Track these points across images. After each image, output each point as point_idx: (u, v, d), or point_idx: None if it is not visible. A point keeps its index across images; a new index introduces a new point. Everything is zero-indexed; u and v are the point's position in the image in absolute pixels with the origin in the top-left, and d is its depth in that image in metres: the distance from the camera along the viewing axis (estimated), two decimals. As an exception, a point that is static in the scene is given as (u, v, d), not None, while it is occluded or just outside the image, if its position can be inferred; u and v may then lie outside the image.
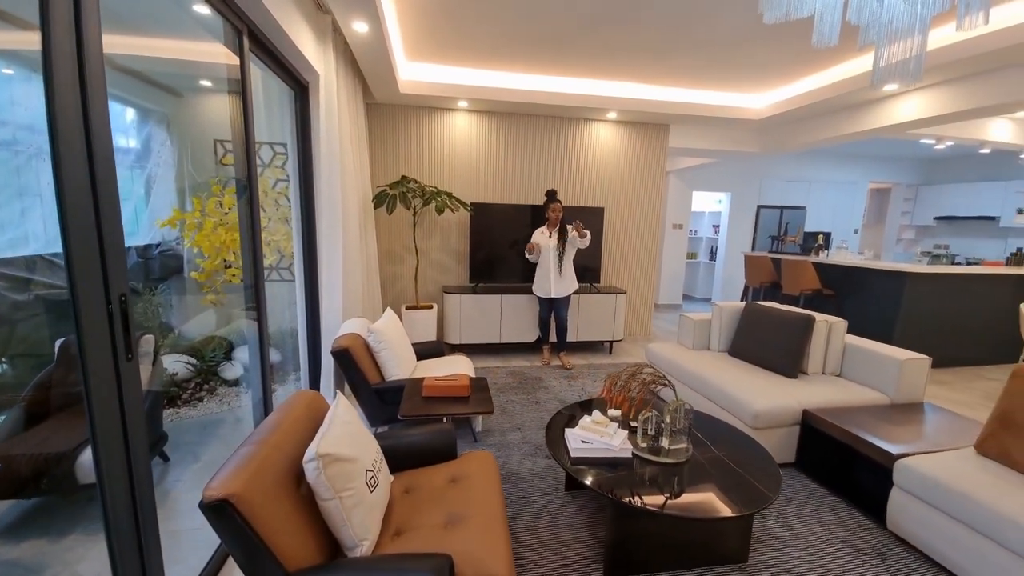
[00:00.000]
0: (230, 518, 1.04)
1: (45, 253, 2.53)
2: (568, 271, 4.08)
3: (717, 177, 7.17)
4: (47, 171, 2.81)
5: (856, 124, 4.15)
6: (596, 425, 1.90)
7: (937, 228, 7.84)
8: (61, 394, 2.18)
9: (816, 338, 2.81)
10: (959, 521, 1.70)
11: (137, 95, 3.41)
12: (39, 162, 2.59)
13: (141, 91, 3.42)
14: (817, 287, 4.82)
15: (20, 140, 2.51)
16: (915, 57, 1.50)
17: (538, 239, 4.01)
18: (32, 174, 2.55)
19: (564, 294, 4.08)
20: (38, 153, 2.59)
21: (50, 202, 2.95)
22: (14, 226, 2.47)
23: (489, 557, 1.24)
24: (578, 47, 3.44)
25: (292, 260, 3.71)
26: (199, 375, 3.22)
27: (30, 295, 2.38)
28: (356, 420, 1.47)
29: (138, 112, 3.51)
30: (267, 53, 2.26)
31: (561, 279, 4.05)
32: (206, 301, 3.45)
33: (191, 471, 2.36)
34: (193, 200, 3.44)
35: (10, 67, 2.49)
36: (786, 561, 1.81)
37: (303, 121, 2.88)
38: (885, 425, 2.27)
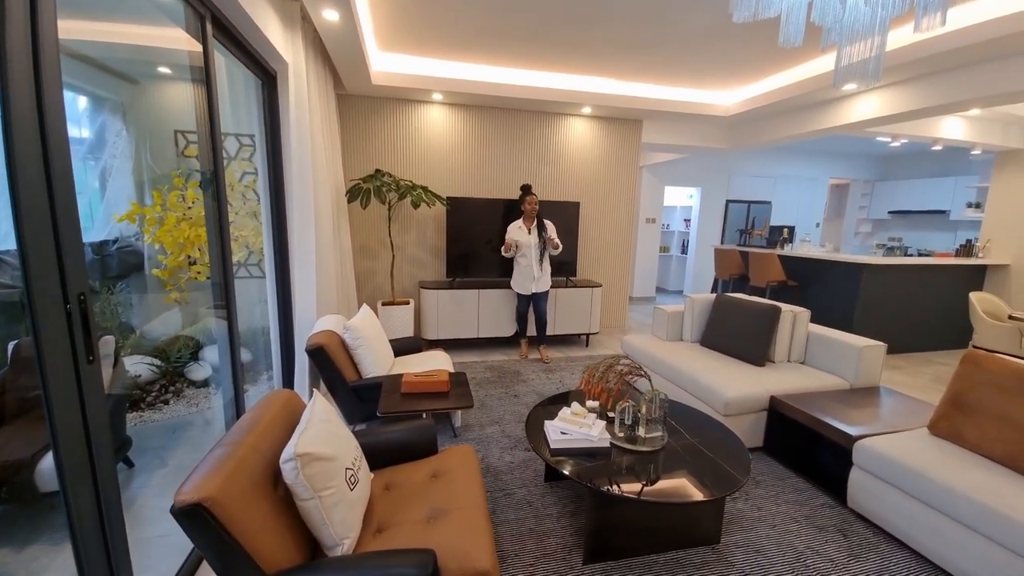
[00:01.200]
0: (204, 522, 1.01)
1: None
2: (547, 266, 4.08)
3: (688, 172, 7.34)
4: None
5: (818, 122, 4.32)
6: (575, 416, 1.93)
7: (891, 222, 8.27)
8: (16, 399, 2.06)
9: (782, 327, 2.94)
10: (914, 498, 1.82)
11: (90, 82, 3.21)
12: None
13: (94, 78, 3.22)
14: (782, 279, 5.02)
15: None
16: (875, 57, 1.57)
17: (516, 235, 3.93)
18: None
19: (546, 289, 4.08)
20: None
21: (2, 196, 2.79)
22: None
23: (473, 550, 1.25)
24: (552, 41, 3.45)
25: (261, 256, 3.59)
26: (164, 377, 3.09)
27: (-25, 295, 2.23)
28: (334, 418, 1.45)
29: (91, 100, 3.30)
30: (232, 40, 2.17)
31: (543, 274, 4.03)
32: (170, 300, 3.31)
33: (158, 476, 2.28)
34: (153, 194, 3.28)
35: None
36: (755, 540, 1.90)
37: (271, 112, 2.78)
38: (845, 409, 2.39)
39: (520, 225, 3.97)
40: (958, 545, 1.67)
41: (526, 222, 3.95)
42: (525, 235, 3.94)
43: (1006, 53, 2.91)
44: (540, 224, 3.93)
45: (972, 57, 3.01)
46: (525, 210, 3.92)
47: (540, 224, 3.93)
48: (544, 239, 3.91)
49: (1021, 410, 1.79)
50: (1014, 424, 1.79)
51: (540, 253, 3.95)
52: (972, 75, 3.16)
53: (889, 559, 1.83)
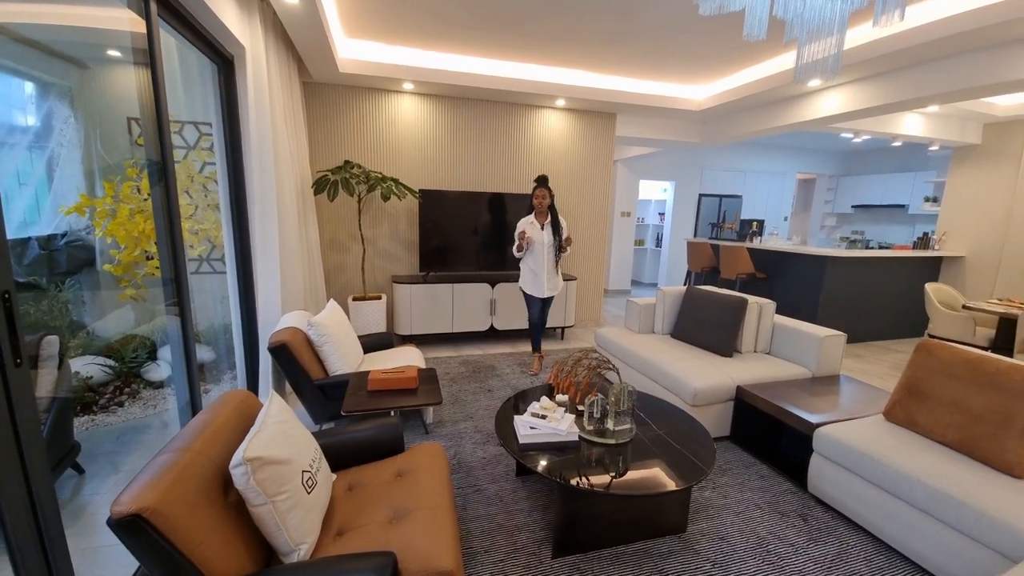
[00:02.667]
0: (144, 534, 0.96)
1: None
2: (559, 268, 3.73)
3: (662, 166, 7.42)
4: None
5: (785, 117, 4.42)
6: (544, 411, 1.92)
7: (854, 215, 8.57)
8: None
9: (748, 319, 3.00)
10: (870, 482, 1.88)
11: (35, 67, 2.99)
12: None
13: (40, 62, 3.01)
14: (751, 271, 5.14)
15: None
16: (834, 54, 1.59)
17: (530, 231, 3.54)
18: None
19: (558, 291, 3.74)
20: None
21: None
22: None
23: (435, 549, 1.22)
24: (526, 31, 3.40)
25: (221, 251, 3.45)
26: (118, 378, 2.95)
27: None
28: (292, 419, 1.39)
29: (37, 86, 3.09)
30: (181, 20, 2.05)
31: (556, 276, 3.68)
32: (124, 296, 3.14)
33: (110, 483, 2.17)
34: (105, 184, 3.10)
35: None
36: (720, 528, 1.94)
37: (229, 98, 2.65)
38: (807, 397, 2.46)
39: (532, 221, 3.57)
40: (912, 528, 1.73)
41: (538, 218, 3.56)
42: (538, 232, 3.56)
43: (964, 50, 3.02)
44: (555, 221, 3.56)
45: (931, 54, 3.11)
46: (535, 205, 3.55)
47: (555, 221, 3.56)
48: (560, 237, 3.54)
49: (971, 397, 1.87)
50: (964, 410, 1.87)
51: (556, 253, 3.57)
52: (931, 72, 3.27)
53: (847, 542, 1.89)
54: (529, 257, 3.60)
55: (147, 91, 1.77)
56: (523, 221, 3.60)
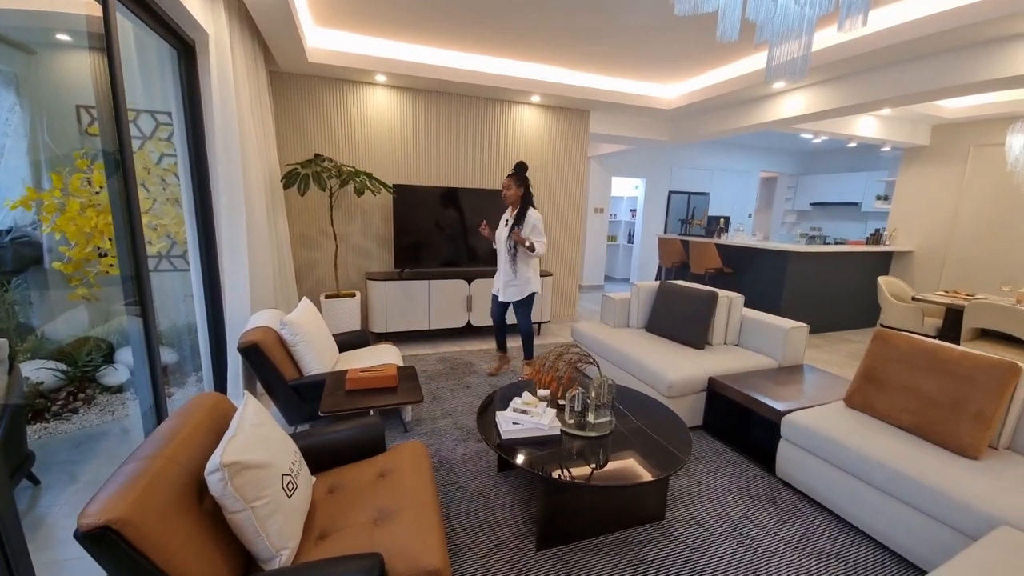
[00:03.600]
0: (114, 546, 0.90)
1: None
2: (524, 271, 3.25)
3: (634, 163, 7.56)
4: None
5: (751, 118, 4.57)
6: (526, 406, 1.93)
7: (812, 213, 8.98)
8: None
9: (719, 312, 3.10)
10: (834, 465, 1.99)
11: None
12: None
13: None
14: (719, 266, 5.31)
15: None
16: (802, 56, 1.66)
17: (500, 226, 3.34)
18: None
19: (513, 298, 3.30)
20: None
21: None
22: None
23: (422, 549, 1.21)
24: (501, 26, 3.38)
25: (186, 247, 3.29)
26: (72, 383, 2.77)
27: None
28: (268, 421, 1.35)
29: (-23, 71, 2.85)
30: (138, 3, 1.93)
31: (515, 280, 3.25)
32: (76, 296, 2.95)
33: (68, 493, 2.04)
34: (52, 177, 2.89)
35: None
36: (696, 514, 2.01)
37: (191, 87, 2.52)
38: (773, 386, 2.57)
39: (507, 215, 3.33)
40: (874, 508, 1.84)
41: (511, 211, 3.28)
42: (501, 227, 3.29)
43: (918, 55, 3.20)
44: (520, 215, 3.18)
45: (887, 59, 3.28)
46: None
47: (520, 215, 3.18)
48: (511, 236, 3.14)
49: (925, 383, 2.00)
50: (919, 395, 2.00)
51: (511, 252, 3.19)
52: (887, 76, 3.45)
53: (812, 522, 1.99)
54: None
55: (103, 77, 1.66)
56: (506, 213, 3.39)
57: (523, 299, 3.31)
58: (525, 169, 3.25)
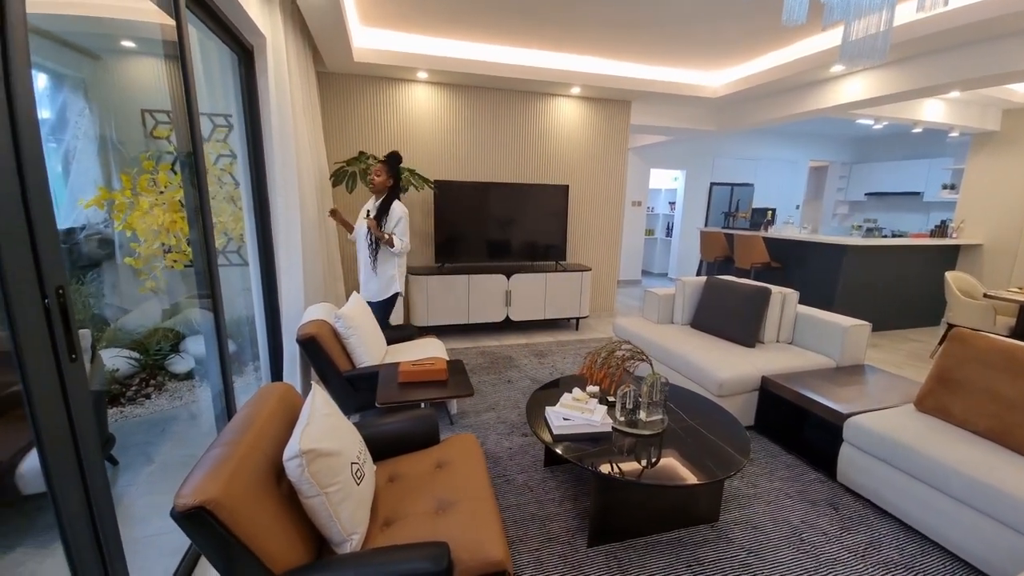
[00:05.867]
0: (208, 525, 0.96)
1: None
2: (385, 269, 2.94)
3: (673, 154, 7.34)
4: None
5: (805, 104, 4.34)
6: (576, 402, 1.92)
7: (867, 203, 8.47)
8: (-15, 399, 1.94)
9: (771, 309, 2.98)
10: (903, 472, 1.88)
11: (48, 57, 2.98)
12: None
13: (53, 53, 2.99)
14: (766, 260, 5.10)
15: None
16: (882, 33, 1.55)
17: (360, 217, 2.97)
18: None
19: (373, 298, 2.99)
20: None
21: None
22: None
23: (485, 541, 1.23)
24: (542, 17, 3.34)
25: (241, 243, 3.45)
26: (144, 370, 2.97)
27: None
28: (336, 412, 1.40)
29: (51, 77, 3.07)
30: (205, 11, 2.02)
31: (374, 276, 2.94)
32: (145, 289, 3.15)
33: (144, 474, 2.19)
34: (122, 177, 3.10)
35: None
36: (752, 517, 1.95)
37: (249, 90, 2.63)
38: (833, 387, 2.45)
39: (370, 205, 2.94)
40: (947, 517, 1.73)
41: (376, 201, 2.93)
42: (360, 218, 2.92)
43: (992, 35, 2.95)
44: (384, 206, 2.83)
45: (960, 39, 3.04)
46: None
47: (384, 206, 2.83)
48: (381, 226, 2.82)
49: (1005, 385, 1.86)
50: (998, 399, 1.86)
51: (370, 246, 2.86)
52: (958, 57, 3.20)
53: (878, 530, 1.90)
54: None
55: (177, 84, 1.76)
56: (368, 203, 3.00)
57: (384, 300, 3.01)
58: (399, 160, 2.98)
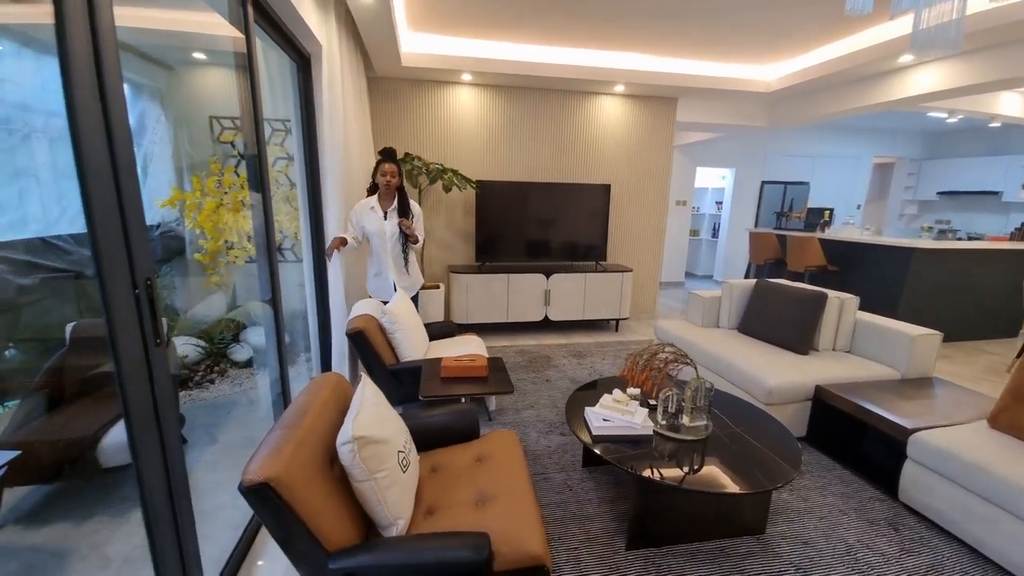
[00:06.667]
0: (270, 501, 1.04)
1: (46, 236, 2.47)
2: (413, 264, 3.04)
3: (722, 152, 7.08)
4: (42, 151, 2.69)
5: (869, 97, 4.07)
6: (617, 404, 1.91)
7: (939, 203, 7.82)
8: (75, 379, 2.16)
9: (828, 314, 2.82)
10: (973, 493, 1.74)
11: (130, 69, 3.28)
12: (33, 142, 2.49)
13: (133, 65, 3.28)
14: (822, 263, 4.82)
15: (13, 119, 2.41)
16: (955, 21, 1.44)
17: (366, 220, 2.83)
18: (27, 154, 2.46)
19: (415, 290, 3.11)
20: (32, 133, 2.49)
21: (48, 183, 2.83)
22: (12, 208, 2.40)
23: (524, 535, 1.25)
24: (587, 15, 3.32)
25: (295, 241, 3.65)
26: (209, 357, 3.21)
27: (35, 279, 2.34)
28: (384, 402, 1.46)
29: (131, 87, 3.38)
30: (270, 23, 2.16)
31: (407, 274, 3.00)
32: (210, 283, 3.41)
33: (209, 452, 2.38)
34: (192, 179, 3.36)
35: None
36: (802, 532, 1.86)
37: (306, 96, 2.78)
38: (897, 400, 2.29)
39: (372, 206, 2.85)
40: (1019, 541, 1.59)
41: (382, 202, 2.86)
42: (377, 220, 2.84)
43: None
44: (403, 206, 2.85)
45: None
46: (379, 184, 2.82)
47: (403, 206, 2.85)
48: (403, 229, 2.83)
49: (1101, 405, 1.68)
50: (1092, 420, 1.68)
51: (403, 247, 2.90)
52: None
53: (942, 553, 1.76)
54: (368, 256, 2.99)
55: (245, 92, 1.89)
56: (360, 205, 2.87)
57: (415, 295, 3.11)
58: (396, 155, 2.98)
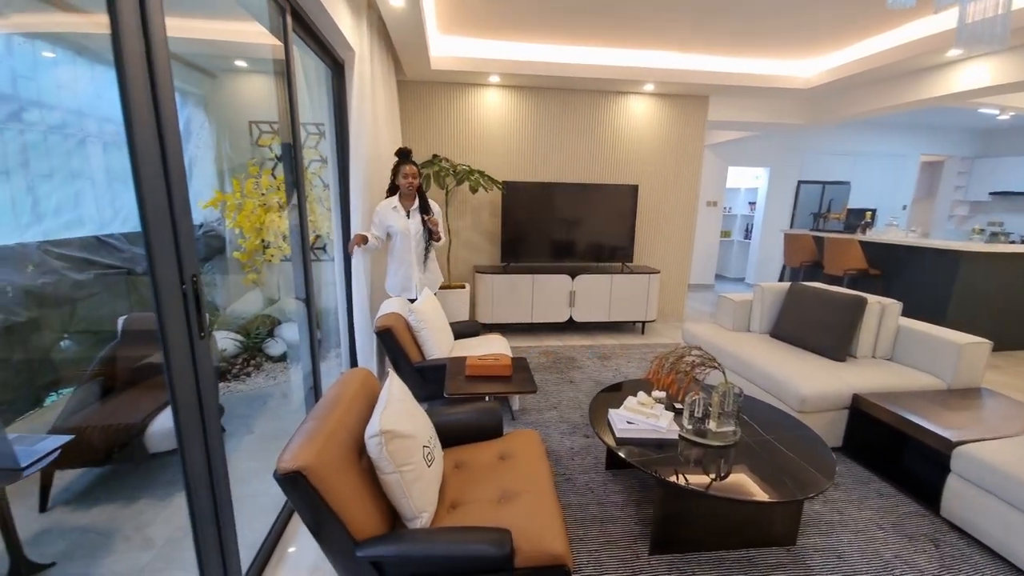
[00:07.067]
0: (302, 488, 1.08)
1: (100, 234, 2.64)
2: (433, 262, 3.16)
3: (756, 151, 6.87)
4: (97, 155, 2.87)
5: (916, 92, 3.87)
6: (641, 406, 1.89)
7: (992, 204, 7.34)
8: (126, 369, 2.31)
9: (867, 320, 2.70)
10: (1020, 510, 1.63)
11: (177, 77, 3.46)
12: (88, 146, 2.67)
13: (180, 73, 3.47)
14: (862, 266, 4.61)
15: (69, 124, 2.59)
16: (1000, 16, 1.37)
17: (391, 219, 2.92)
18: (83, 158, 2.64)
19: (437, 287, 3.25)
20: (87, 137, 2.67)
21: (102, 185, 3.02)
22: (69, 209, 2.57)
23: (546, 533, 1.26)
24: (615, 14, 3.30)
25: (327, 240, 3.78)
26: (246, 351, 3.36)
27: (89, 275, 2.50)
28: (410, 398, 1.50)
29: (178, 95, 3.56)
30: (307, 31, 2.25)
31: (427, 272, 3.10)
32: (247, 280, 3.56)
33: (246, 441, 2.49)
34: (233, 181, 3.52)
35: (52, 50, 2.54)
36: (836, 545, 1.79)
37: (339, 100, 2.87)
38: (942, 411, 2.18)
39: (395, 205, 2.95)
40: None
41: (403, 202, 2.96)
42: (401, 219, 2.94)
43: None
44: (424, 205, 2.96)
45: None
46: (401, 185, 2.91)
47: (424, 205, 2.96)
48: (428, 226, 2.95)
49: None
50: None
51: (425, 244, 3.00)
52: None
53: (983, 572, 1.67)
54: (390, 254, 3.06)
55: (283, 98, 1.97)
56: (382, 206, 2.95)
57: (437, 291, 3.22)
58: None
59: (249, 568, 1.57)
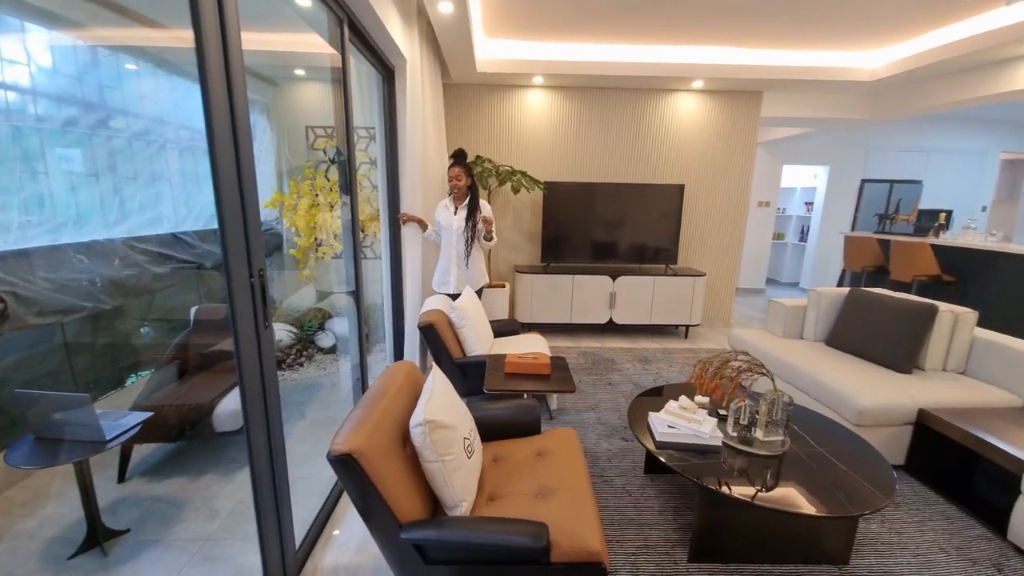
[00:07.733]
0: (353, 470, 1.15)
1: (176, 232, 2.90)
2: (477, 262, 3.19)
3: (813, 148, 6.49)
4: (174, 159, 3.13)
5: (995, 85, 3.53)
6: (683, 411, 1.85)
7: (1094, 204, 6.55)
8: (197, 355, 2.52)
9: (938, 330, 2.51)
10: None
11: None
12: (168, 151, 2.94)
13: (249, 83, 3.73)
14: (935, 272, 4.26)
15: (151, 131, 2.86)
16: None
17: (441, 215, 3.12)
18: (162, 162, 2.91)
19: (477, 287, 3.26)
20: (166, 143, 2.94)
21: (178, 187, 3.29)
22: (150, 208, 2.84)
23: (582, 530, 1.27)
24: (663, 10, 3.23)
25: (374, 239, 3.94)
26: (299, 343, 3.57)
27: (166, 268, 2.75)
28: (452, 391, 1.55)
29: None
30: (362, 41, 2.37)
31: (468, 270, 3.16)
32: (302, 276, 3.78)
33: (299, 427, 2.65)
34: (290, 183, 3.75)
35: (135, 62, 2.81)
36: (893, 567, 1.68)
37: (390, 105, 2.99)
38: (1017, 430, 1.99)
39: (446, 204, 3.13)
40: None
41: (455, 201, 3.10)
42: (448, 215, 3.08)
43: None
44: (473, 204, 3.06)
45: None
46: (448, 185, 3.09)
47: (473, 204, 3.06)
48: (474, 225, 3.03)
49: None
50: None
51: (466, 242, 3.06)
52: None
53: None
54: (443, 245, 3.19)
55: (339, 105, 2.09)
56: (440, 205, 3.19)
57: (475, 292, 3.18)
58: (466, 157, 3.11)
59: (301, 543, 1.68)
